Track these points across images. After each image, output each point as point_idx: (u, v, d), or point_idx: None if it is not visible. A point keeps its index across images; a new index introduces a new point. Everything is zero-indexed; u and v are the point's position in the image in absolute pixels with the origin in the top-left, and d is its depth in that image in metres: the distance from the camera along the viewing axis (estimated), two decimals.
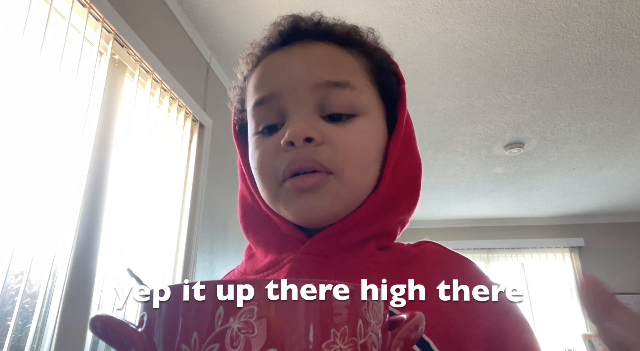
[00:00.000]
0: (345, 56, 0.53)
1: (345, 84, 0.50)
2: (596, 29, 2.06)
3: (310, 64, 0.51)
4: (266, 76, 0.53)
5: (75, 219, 1.35)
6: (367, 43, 0.57)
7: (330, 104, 0.50)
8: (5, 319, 1.13)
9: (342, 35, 0.54)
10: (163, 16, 1.88)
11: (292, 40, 0.54)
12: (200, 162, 2.09)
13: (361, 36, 0.57)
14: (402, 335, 0.29)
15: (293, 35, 0.54)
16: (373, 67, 0.55)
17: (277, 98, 0.51)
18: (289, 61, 0.52)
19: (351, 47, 0.54)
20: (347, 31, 0.55)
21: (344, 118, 0.50)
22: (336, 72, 0.51)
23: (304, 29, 0.54)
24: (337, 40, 0.54)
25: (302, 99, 0.50)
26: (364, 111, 0.51)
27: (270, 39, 0.55)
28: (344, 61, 0.53)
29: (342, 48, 0.54)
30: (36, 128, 1.23)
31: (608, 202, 4.41)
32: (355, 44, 0.55)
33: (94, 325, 0.27)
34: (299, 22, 0.55)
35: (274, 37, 0.55)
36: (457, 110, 2.76)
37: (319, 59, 0.52)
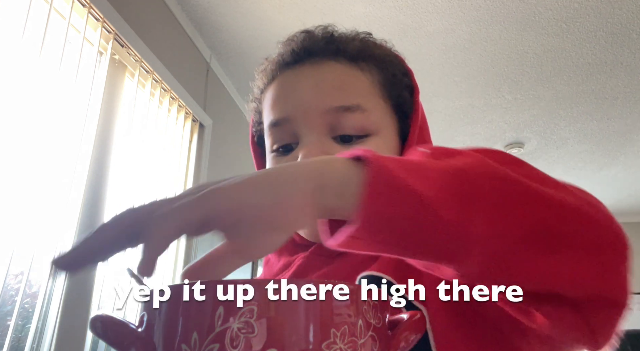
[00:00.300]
0: (356, 76, 0.54)
1: (356, 107, 0.51)
2: (596, 29, 2.06)
3: (321, 88, 0.53)
4: (280, 98, 0.55)
5: (75, 219, 1.35)
6: (379, 56, 0.57)
7: (341, 127, 0.51)
8: (5, 319, 1.13)
9: (352, 52, 0.55)
10: (163, 16, 1.88)
11: (303, 58, 0.55)
12: (200, 161, 2.09)
13: (372, 50, 0.57)
14: (402, 335, 0.29)
15: (304, 54, 0.56)
16: (385, 82, 0.56)
17: (290, 121, 0.53)
18: (300, 84, 0.54)
19: (362, 62, 0.55)
20: (359, 47, 0.56)
21: (355, 139, 0.52)
22: (346, 96, 0.52)
23: (315, 48, 0.55)
24: (349, 56, 0.55)
25: (314, 123, 0.52)
26: (375, 131, 0.52)
27: (283, 56, 0.57)
28: (355, 82, 0.54)
29: (353, 65, 0.55)
30: (36, 128, 1.23)
31: (608, 202, 4.37)
32: (366, 59, 0.56)
33: (94, 325, 0.27)
34: (310, 40, 0.56)
35: (287, 55, 0.56)
36: (457, 110, 2.76)
37: (330, 83, 0.53)
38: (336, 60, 0.55)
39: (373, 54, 0.57)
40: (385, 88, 0.56)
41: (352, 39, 0.57)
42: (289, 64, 0.56)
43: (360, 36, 0.59)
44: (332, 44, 0.56)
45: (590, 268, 0.33)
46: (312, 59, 0.55)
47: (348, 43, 0.56)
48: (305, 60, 0.55)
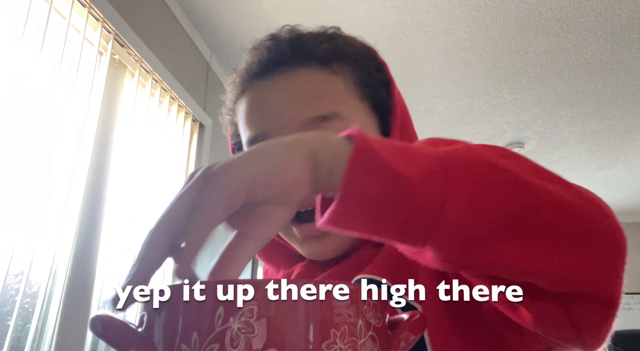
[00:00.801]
0: (329, 80, 0.52)
1: (333, 116, 0.50)
2: (596, 29, 2.06)
3: (294, 99, 0.51)
4: (254, 113, 0.54)
5: (75, 219, 1.35)
6: (351, 55, 0.55)
7: None
8: (5, 319, 1.13)
9: (323, 55, 0.53)
10: (163, 16, 1.88)
11: (272, 68, 0.53)
12: (200, 162, 2.09)
13: (343, 50, 0.55)
14: (403, 335, 0.29)
15: (273, 64, 0.53)
16: (360, 81, 0.54)
17: (267, 136, 0.51)
18: (272, 96, 0.52)
19: (335, 64, 0.53)
20: (328, 49, 0.54)
21: None
22: (322, 104, 0.51)
23: (283, 57, 0.53)
24: (319, 60, 0.53)
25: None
26: None
27: (251, 67, 0.55)
28: (328, 87, 0.52)
29: (325, 68, 0.53)
30: (36, 128, 1.23)
31: (608, 202, 4.38)
32: (338, 59, 0.54)
33: (94, 325, 0.27)
34: (277, 48, 0.54)
35: (254, 66, 0.54)
36: (457, 110, 2.76)
37: (303, 92, 0.51)
38: (307, 65, 0.52)
39: (345, 54, 0.54)
40: (360, 88, 0.54)
41: (321, 41, 0.55)
42: (258, 74, 0.54)
43: (329, 34, 0.56)
44: (300, 50, 0.53)
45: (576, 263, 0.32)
46: (282, 68, 0.53)
47: (317, 46, 0.54)
48: (275, 69, 0.53)
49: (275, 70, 0.53)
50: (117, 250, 1.53)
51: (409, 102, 0.59)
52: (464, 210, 0.30)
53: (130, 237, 1.60)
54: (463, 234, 0.31)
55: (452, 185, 0.31)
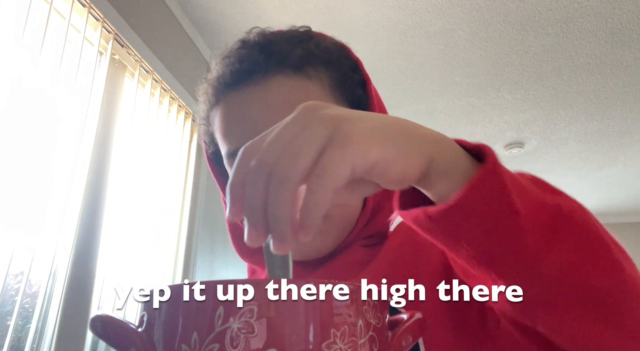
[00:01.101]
0: (304, 87, 0.51)
1: None
2: (596, 29, 2.06)
3: (271, 109, 0.50)
4: (230, 126, 0.52)
5: (75, 219, 1.35)
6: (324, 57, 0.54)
7: None
8: (5, 319, 1.13)
9: (296, 61, 0.52)
10: (163, 16, 1.88)
11: (245, 78, 0.52)
12: (200, 161, 2.09)
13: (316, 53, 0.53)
14: (402, 335, 0.29)
15: (245, 74, 0.52)
16: (336, 84, 0.53)
17: None
18: (248, 107, 0.51)
19: (309, 68, 0.52)
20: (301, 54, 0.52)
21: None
22: None
23: (255, 67, 0.52)
24: (293, 66, 0.52)
25: None
26: None
27: (224, 78, 0.53)
28: (304, 95, 0.51)
29: (301, 75, 0.52)
30: (36, 128, 1.23)
31: (608, 202, 4.41)
32: (312, 63, 0.52)
33: (94, 325, 0.27)
34: (248, 58, 0.52)
35: (227, 77, 0.53)
36: (457, 110, 2.76)
37: (278, 102, 0.50)
38: (281, 72, 0.51)
39: (318, 57, 0.53)
40: (337, 91, 0.53)
41: (293, 46, 0.53)
42: (231, 85, 0.52)
43: (301, 36, 0.55)
44: (273, 57, 0.52)
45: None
46: (255, 77, 0.51)
47: (289, 52, 0.52)
48: (248, 79, 0.52)
49: (248, 80, 0.52)
50: (117, 250, 1.53)
51: (409, 102, 0.59)
52: (560, 271, 0.30)
53: (130, 237, 1.60)
54: (548, 293, 0.31)
55: (558, 243, 0.31)
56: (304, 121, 0.28)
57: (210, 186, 2.16)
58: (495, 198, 0.30)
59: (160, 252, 1.78)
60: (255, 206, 0.26)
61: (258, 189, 0.26)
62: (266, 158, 0.27)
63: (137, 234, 1.63)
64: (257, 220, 0.26)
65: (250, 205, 0.27)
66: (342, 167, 0.26)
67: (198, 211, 2.02)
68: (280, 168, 0.26)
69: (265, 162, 0.27)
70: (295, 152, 0.26)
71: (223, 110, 0.53)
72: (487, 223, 0.30)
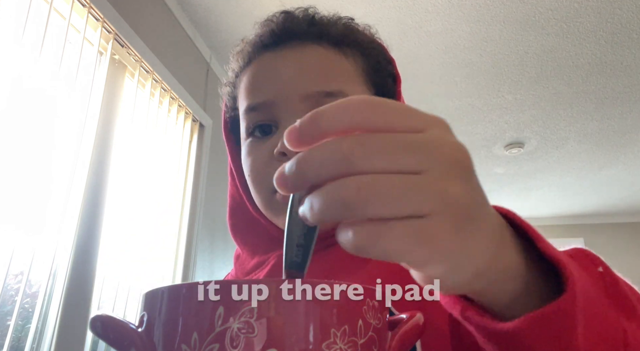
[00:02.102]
0: (339, 60, 0.52)
1: (338, 93, 0.49)
2: (596, 29, 2.06)
3: (303, 71, 0.50)
4: (259, 81, 0.52)
5: (75, 219, 1.35)
6: (363, 42, 0.55)
7: None
8: (5, 319, 1.13)
9: (336, 36, 0.52)
10: (163, 16, 1.88)
11: (284, 40, 0.52)
12: (200, 162, 2.09)
13: (356, 36, 0.55)
14: (402, 335, 0.29)
15: (286, 36, 0.52)
16: (369, 69, 0.54)
17: (269, 106, 0.50)
18: (281, 67, 0.51)
19: (346, 47, 0.53)
20: (342, 32, 0.53)
21: None
22: (329, 81, 0.50)
23: (297, 30, 0.52)
24: (332, 41, 0.52)
25: (295, 108, 0.49)
26: None
27: (262, 38, 0.53)
28: (338, 67, 0.51)
29: (337, 50, 0.52)
30: (36, 128, 1.23)
31: (608, 202, 4.41)
32: (350, 44, 0.53)
33: (94, 325, 0.27)
34: (292, 21, 0.53)
35: (266, 36, 0.53)
36: (457, 110, 2.76)
37: (312, 67, 0.50)
38: (319, 43, 0.52)
39: (357, 40, 0.54)
40: (368, 76, 0.53)
41: (335, 23, 0.54)
42: (268, 46, 0.53)
43: (343, 21, 0.56)
44: (315, 27, 0.52)
45: None
46: (294, 42, 0.52)
47: (331, 26, 0.53)
48: (287, 42, 0.52)
49: (287, 43, 0.52)
50: (117, 250, 1.53)
51: (409, 102, 0.59)
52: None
53: (130, 237, 1.60)
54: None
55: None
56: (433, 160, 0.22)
57: (210, 186, 2.16)
58: (557, 338, 0.26)
59: (160, 252, 1.78)
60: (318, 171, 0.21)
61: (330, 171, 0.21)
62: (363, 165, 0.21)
63: (137, 234, 1.63)
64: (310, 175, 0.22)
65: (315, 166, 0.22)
66: (408, 254, 0.22)
67: (198, 211, 2.02)
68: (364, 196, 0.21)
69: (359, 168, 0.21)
70: (392, 195, 0.21)
71: (255, 67, 0.53)
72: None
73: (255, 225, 0.56)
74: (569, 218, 4.94)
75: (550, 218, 4.98)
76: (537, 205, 4.54)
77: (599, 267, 0.35)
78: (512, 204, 4.54)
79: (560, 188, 4.02)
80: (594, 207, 4.55)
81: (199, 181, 2.07)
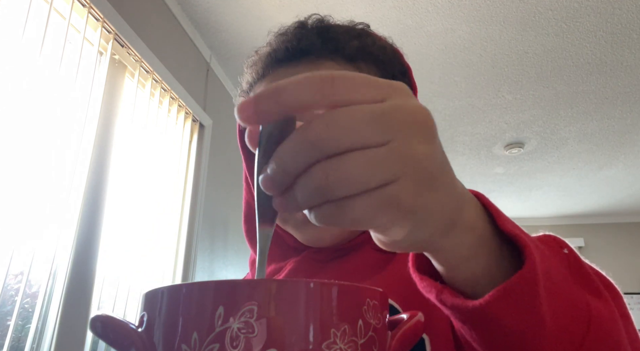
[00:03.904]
0: None
1: None
2: (596, 29, 2.06)
3: None
4: None
5: (75, 219, 1.35)
6: (378, 54, 0.54)
7: None
8: (5, 319, 1.13)
9: (351, 51, 0.52)
10: (163, 16, 1.88)
11: (298, 57, 0.52)
12: (200, 162, 2.09)
13: (371, 49, 0.54)
14: (402, 335, 0.29)
15: (300, 53, 0.52)
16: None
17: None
18: None
19: (361, 62, 0.52)
20: (357, 46, 0.53)
21: None
22: None
23: (311, 47, 0.52)
24: (347, 56, 0.52)
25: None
26: None
27: (276, 53, 0.53)
28: None
29: (352, 65, 0.52)
30: (36, 128, 1.23)
31: (608, 202, 4.41)
32: (365, 58, 0.53)
33: (94, 325, 0.27)
34: (306, 38, 0.53)
35: (280, 52, 0.53)
36: (457, 110, 2.76)
37: None
38: (333, 59, 0.52)
39: (372, 53, 0.54)
40: None
41: (350, 37, 0.54)
42: (282, 61, 0.53)
43: (358, 31, 0.55)
44: (330, 43, 0.52)
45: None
46: (308, 58, 0.52)
47: (346, 42, 0.53)
48: (301, 58, 0.52)
49: (301, 58, 0.52)
50: (117, 250, 1.53)
51: None
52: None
53: (130, 237, 1.60)
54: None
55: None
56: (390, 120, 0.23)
57: (210, 186, 2.16)
58: (521, 306, 0.28)
59: (160, 252, 1.78)
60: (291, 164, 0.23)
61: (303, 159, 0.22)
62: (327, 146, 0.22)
63: (137, 234, 1.63)
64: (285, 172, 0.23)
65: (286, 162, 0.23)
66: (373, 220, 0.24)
67: (198, 211, 2.02)
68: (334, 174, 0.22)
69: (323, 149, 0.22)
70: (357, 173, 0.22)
71: (269, 81, 0.53)
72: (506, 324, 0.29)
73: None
74: (569, 218, 4.94)
75: (550, 218, 4.98)
76: (537, 205, 4.54)
77: (564, 249, 0.38)
78: (512, 204, 4.54)
79: (560, 188, 4.02)
80: (594, 207, 4.55)
81: (199, 181, 2.07)
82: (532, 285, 0.27)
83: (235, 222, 2.45)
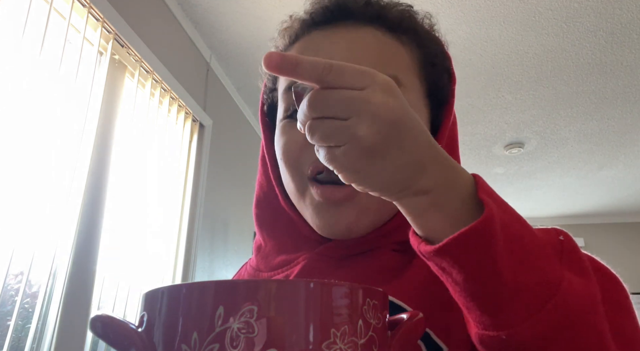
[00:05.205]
0: (395, 46, 0.48)
1: (393, 79, 0.46)
2: (596, 29, 2.06)
3: (355, 52, 0.46)
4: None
5: (75, 219, 1.35)
6: (422, 31, 0.51)
7: None
8: (5, 319, 1.13)
9: (394, 20, 0.48)
10: (163, 16, 1.88)
11: (338, 18, 0.48)
12: (200, 162, 2.09)
13: (415, 23, 0.50)
14: (402, 335, 0.29)
15: (340, 14, 0.48)
16: (425, 61, 0.49)
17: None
18: (332, 46, 0.47)
19: (403, 35, 0.49)
20: (401, 16, 0.49)
21: None
22: (383, 65, 0.45)
23: (353, 8, 0.48)
24: (389, 25, 0.48)
25: None
26: None
27: (312, 15, 0.50)
28: (394, 53, 0.47)
29: (393, 35, 0.48)
30: (36, 128, 1.23)
31: (608, 202, 4.41)
32: (408, 32, 0.49)
33: (94, 325, 0.27)
34: (350, 0, 0.49)
35: (317, 14, 0.49)
36: (457, 110, 2.73)
37: (366, 48, 0.46)
38: (374, 26, 0.48)
39: (415, 28, 0.50)
40: (424, 69, 0.49)
41: (393, 7, 0.50)
42: (319, 23, 0.49)
43: (402, 6, 0.51)
44: (372, 7, 0.48)
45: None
46: (347, 21, 0.48)
47: (389, 10, 0.49)
48: (340, 21, 0.48)
49: (340, 21, 0.48)
50: (117, 250, 1.53)
51: None
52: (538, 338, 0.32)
53: (130, 237, 1.60)
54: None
55: (544, 318, 0.31)
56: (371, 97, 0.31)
57: (210, 186, 2.16)
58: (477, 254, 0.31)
59: (160, 252, 1.78)
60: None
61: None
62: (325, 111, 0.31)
63: (137, 234, 1.63)
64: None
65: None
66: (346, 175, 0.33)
67: (198, 211, 2.02)
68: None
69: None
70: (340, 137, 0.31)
71: (302, 45, 0.49)
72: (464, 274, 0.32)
73: (282, 217, 0.52)
74: (569, 218, 4.94)
75: (550, 218, 4.98)
76: (537, 205, 4.54)
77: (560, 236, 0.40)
78: (512, 204, 4.50)
79: (561, 188, 4.02)
80: (594, 207, 4.55)
81: (199, 181, 2.07)
82: (485, 233, 0.31)
83: (235, 222, 2.45)
